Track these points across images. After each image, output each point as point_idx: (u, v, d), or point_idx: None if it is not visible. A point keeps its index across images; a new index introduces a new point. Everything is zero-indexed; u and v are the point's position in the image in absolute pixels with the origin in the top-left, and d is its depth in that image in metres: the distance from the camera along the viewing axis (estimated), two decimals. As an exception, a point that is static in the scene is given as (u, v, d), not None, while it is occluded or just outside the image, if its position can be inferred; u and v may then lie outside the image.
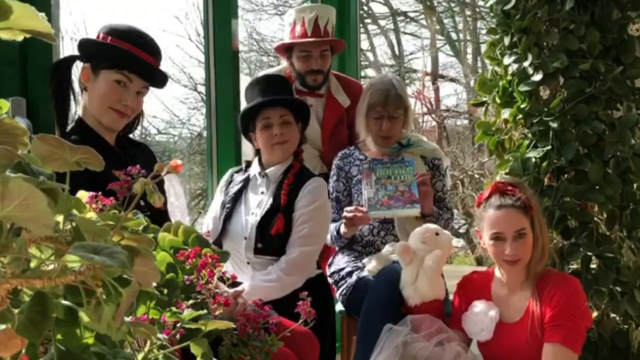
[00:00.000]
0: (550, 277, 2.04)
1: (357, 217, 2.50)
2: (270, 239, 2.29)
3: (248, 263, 2.34)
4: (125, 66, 1.92)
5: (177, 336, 1.14)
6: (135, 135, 2.21)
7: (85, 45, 1.96)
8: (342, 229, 2.56)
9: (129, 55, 1.91)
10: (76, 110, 1.97)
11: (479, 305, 2.08)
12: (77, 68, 1.99)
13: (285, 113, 2.37)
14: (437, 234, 2.21)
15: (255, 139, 2.42)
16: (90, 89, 1.94)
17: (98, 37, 1.96)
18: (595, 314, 2.40)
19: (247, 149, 2.79)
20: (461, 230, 8.10)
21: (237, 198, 2.42)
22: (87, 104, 1.96)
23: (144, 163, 1.33)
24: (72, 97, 1.95)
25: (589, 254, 2.39)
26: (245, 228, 2.35)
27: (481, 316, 2.06)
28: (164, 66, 2.07)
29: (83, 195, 0.90)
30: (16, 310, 0.62)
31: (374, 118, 2.65)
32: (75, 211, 0.71)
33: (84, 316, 0.66)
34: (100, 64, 1.92)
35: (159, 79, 2.03)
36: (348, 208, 2.55)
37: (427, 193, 2.54)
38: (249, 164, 2.52)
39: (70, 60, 1.96)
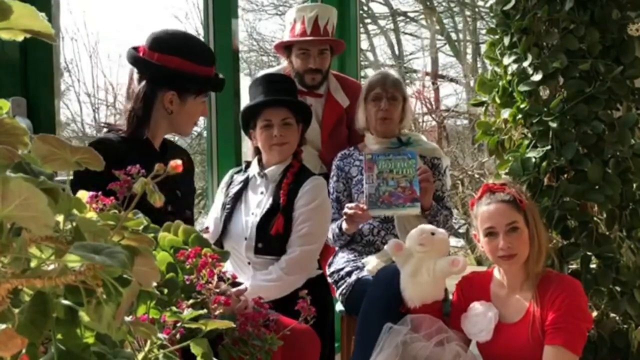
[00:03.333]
0: (551, 279, 2.04)
1: (357, 215, 2.50)
2: (270, 238, 2.29)
3: (249, 263, 2.34)
4: (209, 89, 2.12)
5: (177, 336, 1.14)
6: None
7: (171, 76, 1.99)
8: (344, 226, 2.57)
9: (212, 80, 2.07)
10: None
11: (477, 306, 2.08)
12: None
13: (287, 115, 2.37)
14: (432, 233, 2.21)
15: (254, 137, 2.42)
16: (177, 113, 2.03)
17: (168, 59, 1.98)
18: (594, 313, 2.40)
19: (247, 150, 2.79)
20: (461, 230, 8.09)
21: (237, 198, 2.42)
22: (168, 122, 2.04)
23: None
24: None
25: (589, 253, 2.39)
26: (245, 228, 2.35)
27: (480, 317, 2.06)
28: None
29: (83, 195, 0.90)
30: (16, 310, 0.62)
31: (373, 100, 2.67)
32: (75, 211, 0.71)
33: (84, 316, 0.66)
34: (188, 91, 2.03)
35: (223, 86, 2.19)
36: (349, 205, 2.55)
37: (428, 189, 2.54)
38: (248, 164, 2.52)
39: (157, 90, 2.01)
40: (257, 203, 2.38)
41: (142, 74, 2.00)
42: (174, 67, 1.98)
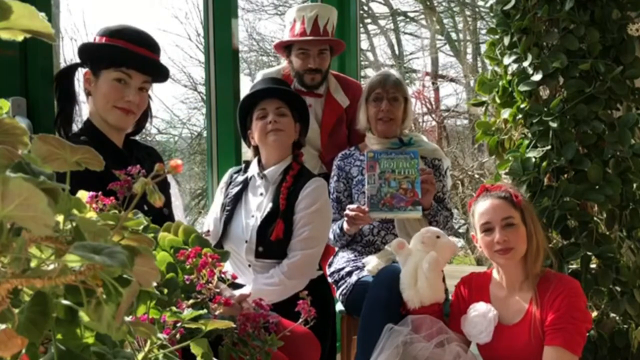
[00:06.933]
0: (550, 280, 2.04)
1: (358, 217, 2.50)
2: (271, 243, 2.29)
3: (249, 266, 2.34)
4: (123, 62, 1.91)
5: (177, 336, 1.14)
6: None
7: (83, 51, 1.97)
8: (345, 226, 2.56)
9: (124, 52, 1.91)
10: (80, 115, 1.98)
11: (477, 308, 2.08)
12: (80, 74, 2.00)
13: (281, 105, 2.37)
14: (438, 237, 2.21)
15: (252, 136, 2.42)
16: (93, 92, 1.94)
17: (94, 41, 1.97)
18: (594, 313, 2.40)
19: (247, 150, 2.79)
20: (461, 230, 8.10)
21: (237, 200, 2.41)
22: (93, 107, 1.96)
23: (150, 166, 1.33)
24: (76, 104, 1.96)
25: (589, 253, 2.39)
26: (245, 231, 2.34)
27: (480, 318, 2.06)
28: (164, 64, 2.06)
29: (83, 195, 0.90)
30: (16, 310, 0.62)
31: (374, 100, 2.67)
32: (75, 211, 0.71)
33: (84, 316, 0.66)
34: (98, 65, 1.92)
35: (159, 72, 2.01)
36: (350, 206, 2.55)
37: (430, 191, 2.54)
38: (248, 164, 2.52)
39: (73, 68, 1.97)
40: (257, 205, 2.37)
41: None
42: (92, 43, 1.95)
